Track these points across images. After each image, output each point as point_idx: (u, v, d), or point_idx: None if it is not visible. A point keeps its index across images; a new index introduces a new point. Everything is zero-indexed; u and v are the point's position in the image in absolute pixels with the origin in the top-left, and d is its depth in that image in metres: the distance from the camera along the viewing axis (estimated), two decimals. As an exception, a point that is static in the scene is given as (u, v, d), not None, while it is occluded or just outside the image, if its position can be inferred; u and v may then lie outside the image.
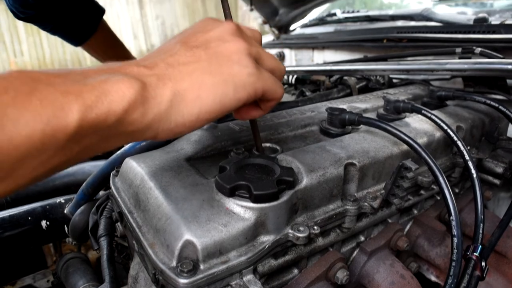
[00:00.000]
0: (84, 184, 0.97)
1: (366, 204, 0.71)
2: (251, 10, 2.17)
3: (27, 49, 11.37)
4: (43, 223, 1.05)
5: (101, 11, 1.46)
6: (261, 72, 0.53)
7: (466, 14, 1.67)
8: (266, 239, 0.60)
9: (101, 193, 1.01)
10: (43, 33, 11.48)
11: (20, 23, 11.07)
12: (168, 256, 0.55)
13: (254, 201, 0.58)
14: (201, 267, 0.54)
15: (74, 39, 1.44)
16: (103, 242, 0.84)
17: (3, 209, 1.07)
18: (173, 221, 0.57)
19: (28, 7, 1.27)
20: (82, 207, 0.98)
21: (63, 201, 1.10)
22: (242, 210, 0.58)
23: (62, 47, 11.88)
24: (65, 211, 1.06)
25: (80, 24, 1.39)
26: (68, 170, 1.25)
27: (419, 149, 0.69)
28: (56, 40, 11.72)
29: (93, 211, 0.92)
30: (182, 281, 0.51)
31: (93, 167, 1.25)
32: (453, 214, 0.64)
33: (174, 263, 0.54)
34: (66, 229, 1.06)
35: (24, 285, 1.25)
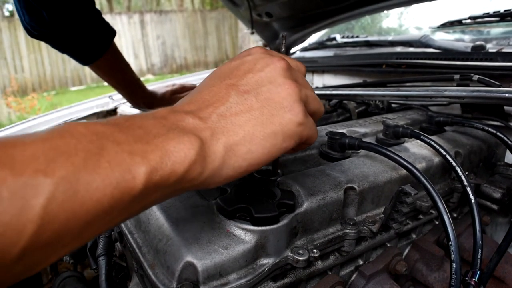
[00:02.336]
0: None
1: (365, 228, 0.71)
2: (252, 33, 2.21)
3: (28, 65, 11.48)
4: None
5: (113, 32, 1.48)
6: (308, 119, 0.53)
7: (463, 41, 1.70)
8: (266, 262, 0.60)
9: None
10: (44, 50, 11.63)
11: (22, 40, 11.20)
12: (168, 277, 0.56)
13: (255, 224, 0.58)
14: (201, 288, 0.54)
15: (83, 59, 1.45)
16: (102, 261, 0.83)
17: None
18: (174, 243, 0.57)
19: (44, 25, 1.29)
20: (81, 226, 0.98)
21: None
22: (243, 233, 0.58)
23: (63, 65, 11.99)
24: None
25: (91, 44, 1.41)
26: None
27: (418, 174, 0.70)
28: (57, 58, 11.83)
29: (92, 231, 0.92)
30: (182, 303, 0.52)
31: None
32: (452, 239, 0.65)
33: (174, 285, 0.54)
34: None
35: (19, 303, 1.23)
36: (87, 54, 1.43)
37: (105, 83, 1.63)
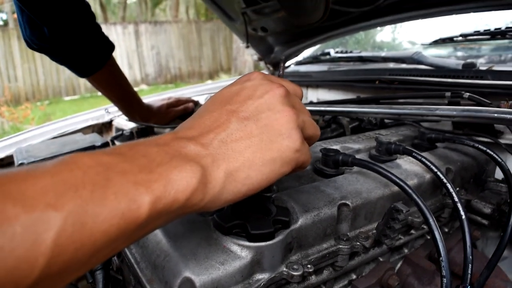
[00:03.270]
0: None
1: (358, 243, 0.73)
2: (247, 47, 2.23)
3: (21, 75, 11.45)
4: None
5: (111, 47, 1.50)
6: (304, 145, 0.54)
7: (455, 57, 1.73)
8: (262, 277, 0.61)
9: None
10: (38, 60, 11.61)
11: (15, 49, 11.18)
12: (166, 292, 0.57)
13: (251, 240, 0.59)
14: (198, 304, 0.55)
15: (82, 72, 1.46)
16: (99, 275, 0.84)
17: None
18: (172, 258, 0.59)
19: (44, 40, 1.31)
20: (77, 240, 0.99)
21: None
22: (239, 249, 0.60)
23: (57, 75, 11.97)
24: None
25: (90, 58, 1.42)
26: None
27: (409, 191, 0.71)
28: (51, 67, 11.81)
29: (88, 244, 0.93)
30: (180, 318, 0.53)
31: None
32: (442, 255, 0.67)
33: (172, 300, 0.56)
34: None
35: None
36: (85, 67, 1.45)
37: (99, 93, 1.64)
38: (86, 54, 1.41)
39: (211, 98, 0.57)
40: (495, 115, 0.84)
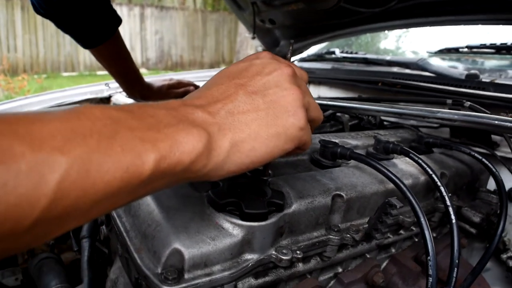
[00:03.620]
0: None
1: (348, 235, 0.73)
2: (253, 38, 2.22)
3: (21, 46, 11.33)
4: (24, 219, 1.04)
5: (118, 20, 1.48)
6: (308, 126, 0.55)
7: (457, 68, 1.74)
8: (250, 257, 0.61)
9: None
10: (40, 32, 11.52)
11: (18, 19, 11.07)
12: (154, 262, 0.57)
13: (244, 219, 0.59)
14: (185, 276, 0.55)
15: (86, 43, 1.45)
16: (85, 243, 0.84)
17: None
18: (163, 229, 0.58)
19: (51, 5, 1.29)
20: (66, 208, 0.98)
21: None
22: (231, 226, 0.60)
23: (57, 49, 11.87)
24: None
25: (95, 29, 1.41)
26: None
27: (404, 189, 0.72)
28: (52, 41, 11.71)
29: (77, 213, 0.92)
30: None
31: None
32: (430, 254, 0.67)
33: (159, 270, 0.55)
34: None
35: (-9, 281, 1.22)
36: (90, 38, 1.43)
37: (98, 72, 1.64)
38: (92, 24, 1.39)
39: (218, 73, 0.58)
40: (496, 122, 0.85)
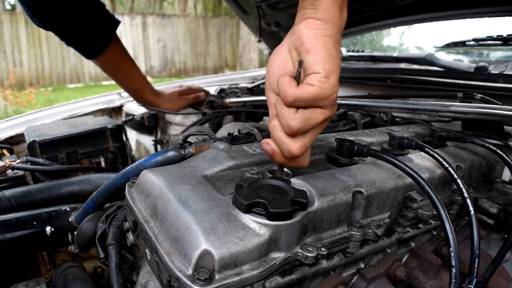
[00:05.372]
0: (94, 194, 0.99)
1: (370, 231, 0.75)
2: (259, 41, 2.24)
3: (27, 60, 11.44)
4: (48, 229, 1.06)
5: (116, 22, 1.51)
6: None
7: (464, 61, 1.75)
8: (277, 256, 0.63)
9: (106, 204, 1.04)
10: (45, 46, 11.62)
11: (22, 34, 11.16)
12: (185, 264, 0.58)
13: (270, 219, 0.61)
14: (216, 277, 0.57)
15: (88, 51, 1.48)
16: (112, 250, 0.85)
17: (8, 213, 1.08)
18: (192, 231, 0.60)
19: (47, 11, 1.32)
20: (89, 216, 1.00)
21: (68, 209, 1.11)
22: (258, 226, 0.61)
23: (62, 62, 11.97)
24: (70, 219, 1.08)
25: (95, 35, 1.43)
26: (73, 179, 1.27)
27: (423, 183, 0.73)
28: (57, 54, 11.81)
29: (101, 220, 0.94)
30: (197, 289, 0.54)
31: (99, 178, 1.27)
32: (452, 245, 0.68)
33: (190, 271, 0.57)
34: (70, 237, 1.07)
35: (17, 291, 1.24)
36: (91, 46, 1.46)
37: (103, 82, 1.67)
38: (91, 30, 1.42)
39: None
40: (510, 113, 0.86)
